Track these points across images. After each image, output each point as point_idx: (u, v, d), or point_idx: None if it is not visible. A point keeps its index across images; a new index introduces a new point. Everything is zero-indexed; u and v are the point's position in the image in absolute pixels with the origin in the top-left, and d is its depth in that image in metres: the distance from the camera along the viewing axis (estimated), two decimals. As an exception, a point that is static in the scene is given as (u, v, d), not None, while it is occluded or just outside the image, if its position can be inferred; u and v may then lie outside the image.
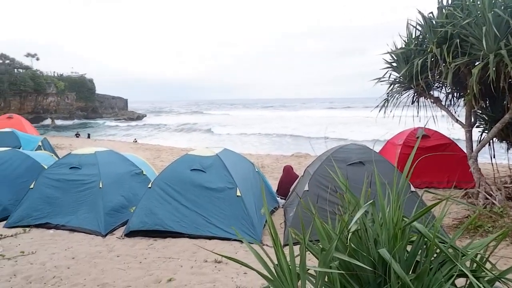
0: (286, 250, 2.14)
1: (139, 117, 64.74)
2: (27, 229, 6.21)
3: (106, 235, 5.92)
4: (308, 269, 2.16)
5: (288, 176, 7.95)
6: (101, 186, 6.35)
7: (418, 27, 7.46)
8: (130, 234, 5.83)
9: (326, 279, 2.13)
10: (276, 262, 2.21)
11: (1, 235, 5.94)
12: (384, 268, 2.06)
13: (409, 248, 2.16)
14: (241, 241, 5.51)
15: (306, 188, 5.73)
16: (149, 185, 6.12)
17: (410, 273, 2.07)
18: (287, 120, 51.79)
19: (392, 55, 7.91)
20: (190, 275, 4.48)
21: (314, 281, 2.13)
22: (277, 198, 7.62)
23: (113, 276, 4.47)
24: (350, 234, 2.10)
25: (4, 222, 6.49)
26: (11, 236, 5.94)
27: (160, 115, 79.91)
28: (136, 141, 25.95)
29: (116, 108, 70.01)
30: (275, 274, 2.19)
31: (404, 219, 2.15)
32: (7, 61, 49.34)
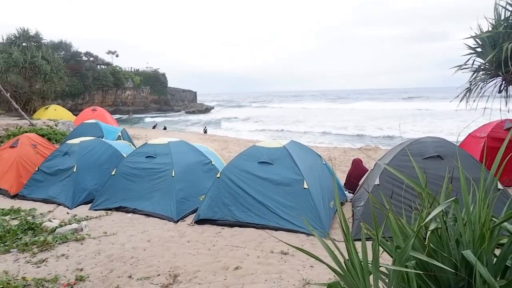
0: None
1: (207, 109, 66.92)
2: (109, 212, 6.77)
3: (177, 221, 6.23)
4: (381, 266, 2.07)
5: (357, 170, 7.68)
6: (173, 174, 6.67)
7: (508, 7, 6.72)
8: (199, 221, 6.06)
9: (400, 278, 2.01)
10: (346, 257, 2.14)
11: (87, 216, 6.54)
12: (468, 271, 1.89)
13: (497, 251, 1.96)
14: (307, 234, 5.46)
15: (377, 182, 5.49)
16: (218, 175, 6.29)
17: (499, 279, 1.88)
18: (358, 113, 50.23)
19: (477, 39, 7.22)
20: (257, 265, 4.54)
21: (387, 280, 2.03)
22: (345, 192, 7.42)
23: (184, 260, 4.68)
24: (429, 232, 1.95)
25: (89, 205, 7.14)
26: (96, 217, 6.50)
27: (227, 108, 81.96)
28: (205, 132, 26.91)
29: (186, 101, 73.11)
30: (346, 269, 2.12)
31: (493, 219, 1.94)
32: (91, 58, 53.69)
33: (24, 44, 22.25)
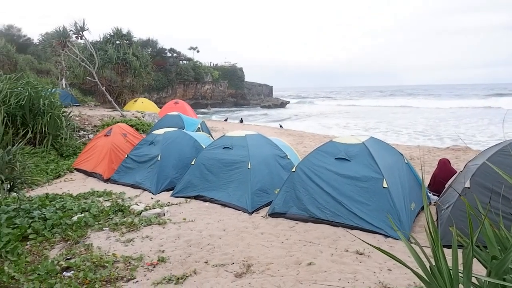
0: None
1: (283, 104, 67.06)
2: (188, 200, 7.13)
3: (252, 212, 6.34)
4: (473, 277, 1.89)
5: (444, 171, 7.11)
6: (249, 166, 6.80)
7: None
8: (273, 214, 6.10)
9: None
10: (427, 263, 1.99)
11: (169, 202, 6.96)
12: None
13: None
14: (385, 235, 5.21)
15: (467, 185, 5.02)
16: (293, 169, 6.26)
17: None
18: (442, 111, 46.68)
19: None
20: (330, 262, 4.44)
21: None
22: (429, 194, 6.92)
23: (257, 251, 4.75)
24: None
25: (171, 191, 7.59)
26: (176, 204, 6.89)
27: (303, 102, 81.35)
28: (281, 126, 27.06)
29: (262, 95, 74.10)
30: (432, 276, 1.96)
31: None
32: (175, 54, 56.93)
33: (117, 42, 24.28)
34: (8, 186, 5.31)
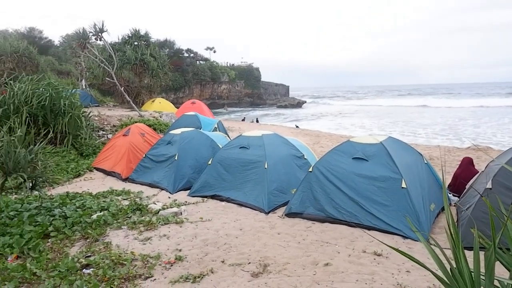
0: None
1: (299, 104, 66.84)
2: (205, 199, 7.17)
3: (268, 212, 6.33)
4: (495, 279, 1.84)
5: (466, 171, 6.92)
6: (266, 166, 6.79)
7: None
8: (290, 214, 6.08)
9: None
10: (447, 265, 1.94)
11: (186, 201, 7.02)
12: None
13: None
14: (404, 236, 5.13)
15: (489, 185, 4.89)
16: (310, 169, 6.22)
17: None
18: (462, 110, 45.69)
19: None
20: (348, 263, 4.40)
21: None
22: (448, 195, 6.78)
23: (274, 251, 4.74)
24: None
25: (188, 191, 7.66)
26: (193, 203, 6.95)
27: (319, 102, 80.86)
28: (297, 127, 26.97)
29: (279, 95, 74.05)
30: (453, 278, 1.92)
31: None
32: (191, 55, 57.43)
33: (135, 43, 24.61)
34: (30, 184, 5.45)
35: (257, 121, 32.49)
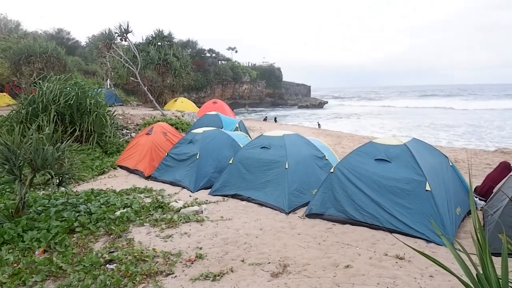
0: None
1: (321, 104, 66.28)
2: (225, 198, 7.22)
3: (289, 213, 6.31)
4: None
5: (502, 175, 6.66)
6: (287, 166, 6.77)
7: None
8: (310, 215, 6.04)
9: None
10: (473, 270, 1.89)
11: (207, 200, 7.08)
12: None
13: None
14: (427, 240, 5.02)
15: (518, 190, 4.74)
16: (331, 170, 6.17)
17: None
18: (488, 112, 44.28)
19: None
20: (369, 266, 4.33)
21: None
22: (475, 199, 6.58)
23: (294, 252, 4.72)
24: None
25: (209, 190, 7.72)
26: (214, 202, 7.00)
27: (341, 103, 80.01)
28: (319, 125, 26.79)
29: (300, 95, 73.65)
30: (480, 284, 1.87)
31: None
32: (213, 55, 57.82)
33: (159, 43, 25.02)
34: (57, 181, 5.61)
35: (275, 120, 32.44)
